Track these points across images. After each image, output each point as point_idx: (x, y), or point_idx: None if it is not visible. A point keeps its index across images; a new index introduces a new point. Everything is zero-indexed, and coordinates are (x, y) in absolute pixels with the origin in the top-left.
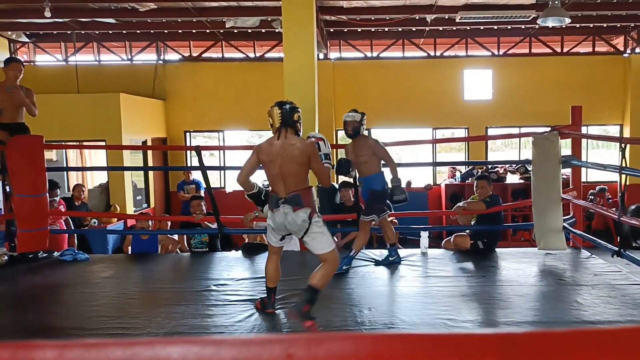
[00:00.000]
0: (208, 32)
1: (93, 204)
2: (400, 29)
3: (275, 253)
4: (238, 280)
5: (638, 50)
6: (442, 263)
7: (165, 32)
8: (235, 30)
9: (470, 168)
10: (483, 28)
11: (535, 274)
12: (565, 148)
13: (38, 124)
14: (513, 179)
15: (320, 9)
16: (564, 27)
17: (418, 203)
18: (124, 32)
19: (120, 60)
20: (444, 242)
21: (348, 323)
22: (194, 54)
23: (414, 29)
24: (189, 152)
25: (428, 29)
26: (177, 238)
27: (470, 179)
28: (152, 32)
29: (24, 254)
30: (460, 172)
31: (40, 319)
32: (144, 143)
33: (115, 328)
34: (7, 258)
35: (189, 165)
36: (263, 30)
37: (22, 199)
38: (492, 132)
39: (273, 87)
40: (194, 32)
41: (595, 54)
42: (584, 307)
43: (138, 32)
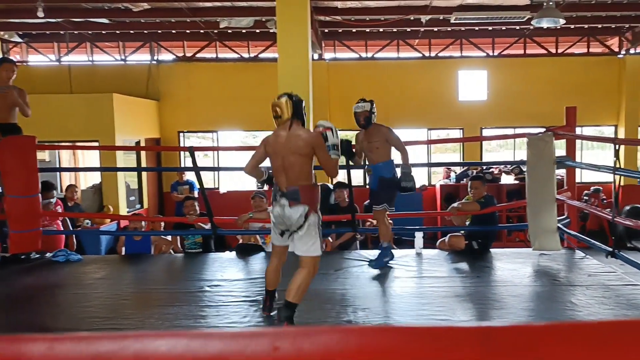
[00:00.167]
0: (202, 32)
1: (86, 205)
2: (395, 30)
3: (277, 254)
4: (232, 281)
5: (632, 51)
6: (436, 263)
7: (159, 32)
8: (230, 31)
9: (465, 169)
10: (478, 29)
11: (530, 275)
12: (560, 149)
13: (31, 125)
14: (508, 180)
15: (315, 10)
16: (559, 28)
17: (413, 203)
18: (118, 32)
19: (114, 61)
20: (439, 242)
21: (342, 324)
22: (188, 54)
23: (409, 30)
24: (183, 152)
25: (423, 30)
26: (170, 239)
27: (465, 180)
28: (145, 32)
29: (16, 255)
30: (455, 172)
31: (33, 320)
32: (137, 143)
33: (108, 329)
34: None
35: (183, 166)
36: (257, 31)
37: (14, 200)
38: (486, 132)
39: (267, 87)
40: (188, 32)
41: (590, 55)
42: (578, 307)
43: (131, 32)
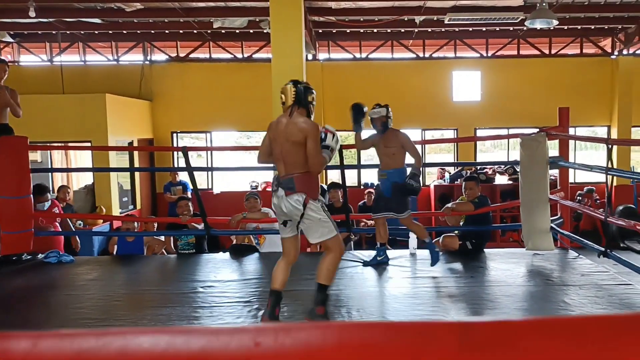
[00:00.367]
0: (195, 32)
1: (78, 206)
2: (389, 30)
3: (285, 250)
4: (225, 282)
5: (625, 52)
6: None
7: (152, 32)
8: (223, 31)
9: (459, 169)
10: (471, 30)
11: (523, 274)
12: (553, 149)
13: (22, 125)
14: (502, 180)
15: (309, 10)
16: (552, 29)
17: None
18: (110, 32)
19: (106, 61)
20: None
21: None
22: (181, 55)
23: (403, 30)
24: (176, 153)
25: (417, 31)
26: (163, 239)
27: (459, 180)
28: (138, 32)
29: (8, 256)
30: (449, 173)
31: (24, 322)
32: (130, 144)
33: None
34: None
35: (176, 167)
36: (251, 31)
37: (5, 201)
38: (480, 133)
39: (261, 87)
40: (181, 32)
41: (583, 56)
42: (572, 307)
43: (124, 32)
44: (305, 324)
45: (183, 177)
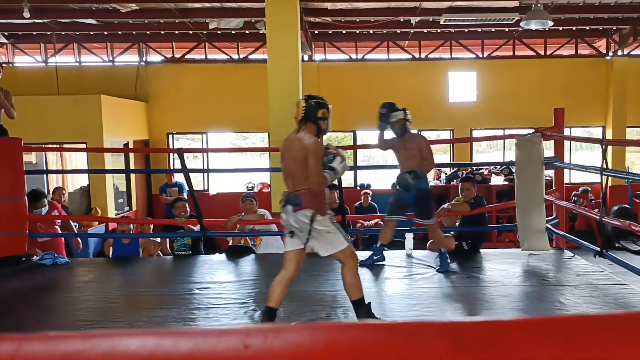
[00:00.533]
0: (191, 33)
1: (74, 207)
2: (385, 31)
3: (287, 263)
4: (221, 284)
5: (620, 53)
6: (427, 264)
7: (148, 33)
8: (219, 32)
9: (455, 170)
10: (467, 30)
11: (519, 275)
12: (549, 150)
13: (17, 126)
14: (497, 181)
15: (305, 11)
16: (547, 30)
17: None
18: (105, 33)
19: (102, 62)
20: (429, 243)
21: None
22: (177, 55)
23: (399, 31)
24: (172, 154)
25: (412, 31)
26: (159, 240)
27: (455, 181)
28: (134, 33)
29: (2, 259)
30: (445, 173)
31: (18, 324)
32: (126, 145)
33: None
34: None
35: (172, 168)
36: (247, 32)
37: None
38: (476, 134)
39: (257, 88)
40: (177, 33)
41: (578, 57)
42: (567, 307)
43: (119, 33)
44: (295, 325)
45: (179, 178)
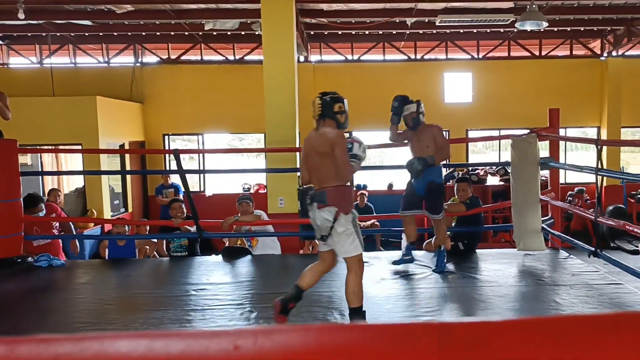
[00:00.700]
0: (187, 34)
1: (69, 209)
2: (381, 32)
3: (323, 259)
4: (218, 285)
5: (614, 54)
6: (423, 264)
7: (143, 34)
8: (214, 33)
9: (451, 170)
10: (462, 31)
11: (515, 275)
12: (544, 150)
13: (12, 128)
14: (493, 181)
15: (300, 12)
16: (542, 30)
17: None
18: (101, 34)
19: (97, 63)
20: (425, 243)
21: None
22: (173, 57)
23: (395, 32)
24: (168, 155)
25: (408, 32)
26: (155, 240)
27: (451, 181)
28: (129, 34)
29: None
30: None
31: (14, 327)
32: (122, 147)
33: None
34: None
35: (168, 169)
36: (242, 33)
37: None
38: (472, 134)
39: (253, 89)
40: (172, 34)
41: (573, 57)
42: (562, 306)
43: (115, 34)
44: (285, 327)
45: (175, 179)
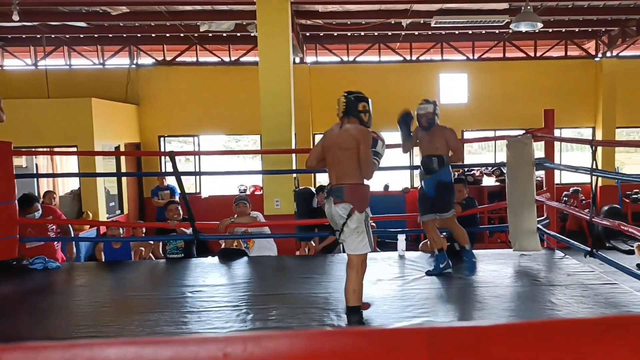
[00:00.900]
0: (182, 35)
1: (64, 211)
2: (376, 33)
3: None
4: (214, 287)
5: (609, 54)
6: (419, 265)
7: (138, 35)
8: (210, 34)
9: None
10: (458, 32)
11: (511, 275)
12: (539, 150)
13: (7, 130)
14: (489, 182)
15: (296, 13)
16: (537, 31)
17: (396, 206)
18: (96, 35)
19: (92, 65)
20: (421, 244)
21: (325, 327)
22: (168, 58)
23: (390, 34)
24: (163, 157)
25: (404, 34)
26: (151, 242)
27: None
28: (124, 35)
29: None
30: None
31: (9, 329)
32: (117, 148)
33: (87, 337)
34: None
35: (163, 171)
36: (238, 34)
37: None
38: (467, 135)
39: (249, 91)
40: (168, 35)
41: (568, 58)
42: (558, 306)
43: (110, 35)
44: (275, 333)
45: (171, 181)
